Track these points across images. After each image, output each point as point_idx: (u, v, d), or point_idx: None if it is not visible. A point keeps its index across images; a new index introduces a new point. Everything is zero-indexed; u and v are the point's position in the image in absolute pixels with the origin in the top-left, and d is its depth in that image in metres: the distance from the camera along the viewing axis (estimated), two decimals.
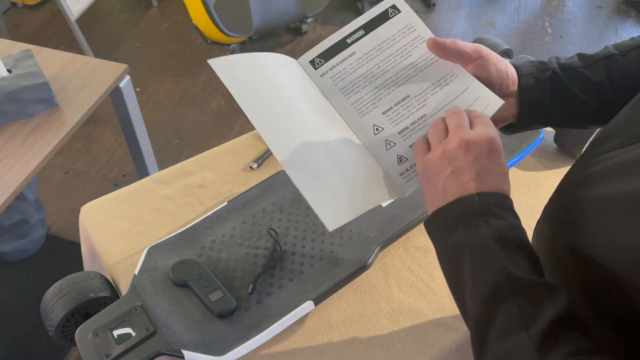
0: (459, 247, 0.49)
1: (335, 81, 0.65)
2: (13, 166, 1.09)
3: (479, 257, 0.47)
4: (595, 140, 0.54)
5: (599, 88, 0.63)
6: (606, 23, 2.85)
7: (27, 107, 1.16)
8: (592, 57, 0.64)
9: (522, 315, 0.43)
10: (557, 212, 0.55)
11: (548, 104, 0.63)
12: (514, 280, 0.45)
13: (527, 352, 0.42)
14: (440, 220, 0.52)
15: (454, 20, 2.85)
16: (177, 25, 2.77)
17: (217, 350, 0.72)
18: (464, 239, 0.49)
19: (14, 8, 2.84)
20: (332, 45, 0.66)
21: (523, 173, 1.02)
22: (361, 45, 0.65)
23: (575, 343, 0.42)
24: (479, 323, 0.46)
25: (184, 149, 2.15)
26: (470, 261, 0.48)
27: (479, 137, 0.53)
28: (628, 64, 0.63)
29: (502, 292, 0.45)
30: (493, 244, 0.47)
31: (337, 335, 0.79)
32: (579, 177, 0.53)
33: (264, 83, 0.61)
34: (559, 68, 0.63)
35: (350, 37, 0.65)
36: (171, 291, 0.79)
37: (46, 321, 0.81)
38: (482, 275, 0.47)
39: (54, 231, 1.84)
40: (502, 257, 0.46)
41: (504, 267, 0.46)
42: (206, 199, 0.96)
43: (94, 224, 0.93)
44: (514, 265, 0.46)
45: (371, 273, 0.86)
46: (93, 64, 1.31)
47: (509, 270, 0.46)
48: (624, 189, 0.44)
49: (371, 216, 0.89)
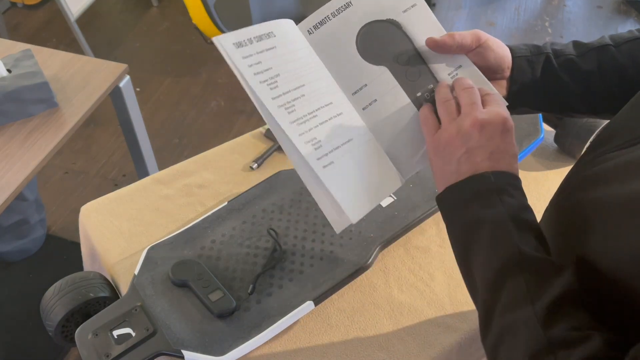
0: (475, 222, 0.50)
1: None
2: (13, 166, 1.09)
3: (494, 233, 0.48)
4: (595, 141, 0.54)
5: (587, 77, 0.63)
6: (606, 23, 2.85)
7: (27, 107, 1.16)
8: (586, 46, 0.64)
9: (529, 291, 0.44)
10: (558, 213, 0.55)
11: (537, 88, 0.64)
12: (524, 258, 0.46)
13: (531, 325, 0.43)
14: (455, 195, 0.52)
15: (454, 20, 2.85)
16: (177, 25, 2.77)
17: (217, 350, 0.72)
18: (481, 214, 0.49)
19: (13, 8, 2.84)
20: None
21: (523, 173, 1.02)
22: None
23: (577, 319, 0.43)
24: (486, 297, 0.47)
25: (184, 149, 2.15)
26: (486, 236, 0.49)
27: (493, 117, 0.52)
28: (620, 56, 0.63)
29: (511, 268, 0.46)
30: (508, 221, 0.48)
31: (337, 335, 0.79)
32: (580, 178, 0.53)
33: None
34: (552, 53, 0.64)
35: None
36: (171, 291, 0.79)
37: (46, 321, 0.81)
38: (494, 251, 0.48)
39: (53, 231, 1.84)
40: (514, 235, 0.47)
41: (515, 244, 0.47)
42: (206, 199, 0.96)
43: (94, 224, 0.93)
44: (525, 243, 0.47)
45: (371, 273, 0.86)
46: (93, 63, 1.31)
47: (521, 248, 0.47)
48: (625, 191, 0.44)
49: (371, 216, 0.89)
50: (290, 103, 0.57)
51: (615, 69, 0.63)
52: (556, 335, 0.42)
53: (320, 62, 0.61)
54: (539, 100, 0.65)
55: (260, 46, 0.57)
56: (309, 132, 0.56)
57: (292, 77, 0.57)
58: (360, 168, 0.59)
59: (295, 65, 0.58)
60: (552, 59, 0.63)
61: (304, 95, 0.57)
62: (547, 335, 0.42)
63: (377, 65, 0.61)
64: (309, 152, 0.56)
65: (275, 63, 0.57)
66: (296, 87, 0.57)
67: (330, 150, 0.57)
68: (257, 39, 0.57)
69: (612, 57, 0.63)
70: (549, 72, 0.63)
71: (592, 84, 0.63)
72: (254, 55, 0.56)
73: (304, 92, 0.58)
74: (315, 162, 0.56)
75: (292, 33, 0.60)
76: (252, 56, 0.56)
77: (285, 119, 0.56)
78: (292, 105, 0.57)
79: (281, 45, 0.58)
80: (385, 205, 0.90)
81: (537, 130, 1.00)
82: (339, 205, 0.57)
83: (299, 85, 0.58)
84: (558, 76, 0.63)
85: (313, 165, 0.56)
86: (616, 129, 0.52)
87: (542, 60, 0.63)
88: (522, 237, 0.47)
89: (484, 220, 0.49)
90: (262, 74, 0.56)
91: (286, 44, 0.59)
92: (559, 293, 0.44)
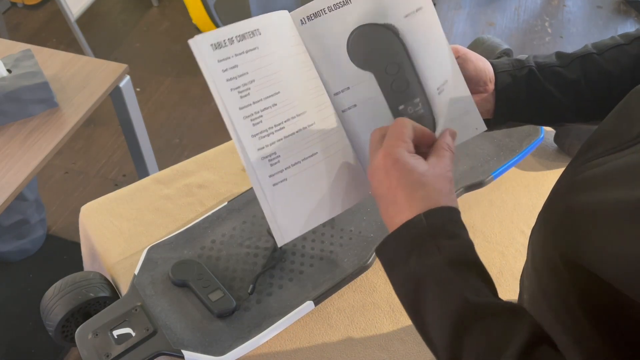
0: (416, 278, 0.47)
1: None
2: (13, 166, 1.09)
3: (438, 287, 0.45)
4: (583, 147, 0.54)
5: (574, 87, 0.63)
6: (606, 23, 2.85)
7: (27, 107, 1.16)
8: (569, 56, 0.64)
9: (492, 344, 0.41)
10: (550, 218, 0.55)
11: (524, 102, 0.64)
12: (475, 307, 0.43)
13: None
14: (393, 247, 0.49)
15: (454, 20, 2.85)
16: (177, 25, 2.77)
17: (217, 350, 0.72)
18: (420, 268, 0.46)
19: (14, 8, 2.84)
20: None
21: (523, 173, 1.02)
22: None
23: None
24: (448, 358, 0.44)
25: (184, 149, 2.15)
26: (430, 292, 0.45)
27: (377, 162, 0.50)
28: (605, 63, 0.63)
29: (465, 322, 0.43)
30: (448, 270, 0.45)
31: (337, 335, 0.79)
32: (570, 183, 0.52)
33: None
34: (535, 66, 0.64)
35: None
36: (171, 291, 0.79)
37: (46, 321, 0.81)
38: (442, 306, 0.44)
39: (54, 231, 1.84)
40: (459, 284, 0.44)
41: (462, 295, 0.44)
42: (206, 199, 0.96)
43: (94, 224, 0.93)
44: (472, 289, 0.44)
45: (371, 273, 0.86)
46: (93, 64, 1.31)
47: (468, 298, 0.43)
48: (615, 197, 0.44)
49: (371, 216, 0.89)
50: (258, 114, 0.54)
51: (600, 77, 0.63)
52: None
53: (306, 61, 0.58)
54: (527, 114, 0.65)
55: (240, 47, 0.54)
56: (270, 146, 0.54)
57: (268, 83, 0.55)
58: (311, 188, 0.56)
59: (275, 68, 0.55)
60: (536, 72, 0.63)
61: (275, 104, 0.55)
62: None
63: (364, 71, 0.59)
64: (262, 168, 0.54)
65: (253, 67, 0.54)
66: (270, 94, 0.54)
67: (286, 167, 0.55)
68: (239, 38, 0.54)
69: (597, 64, 0.63)
70: (535, 85, 0.63)
71: (579, 93, 0.63)
72: (232, 58, 0.53)
73: (276, 101, 0.55)
74: (267, 180, 0.54)
75: (282, 28, 0.57)
76: (229, 59, 0.53)
77: (247, 132, 0.54)
78: (260, 117, 0.54)
79: (265, 44, 0.55)
80: None
81: (537, 130, 1.00)
82: (276, 224, 0.55)
83: (273, 93, 0.55)
84: (544, 88, 0.63)
85: (263, 181, 0.54)
86: (604, 132, 0.52)
87: (526, 74, 0.63)
88: (467, 285, 0.44)
89: (424, 275, 0.46)
90: (236, 79, 0.53)
91: (271, 42, 0.55)
92: (526, 339, 0.40)
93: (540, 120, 0.67)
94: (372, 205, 0.90)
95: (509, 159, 0.96)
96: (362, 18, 0.58)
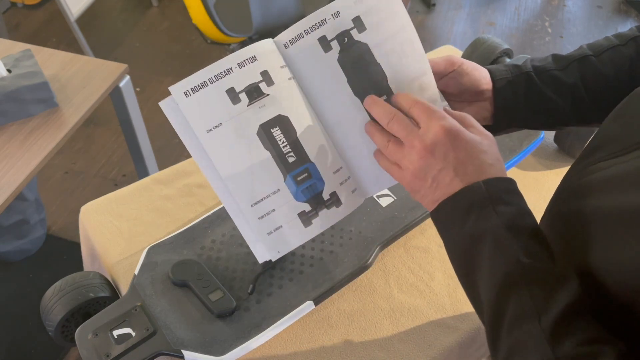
0: (472, 238, 0.49)
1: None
2: (13, 166, 1.09)
3: (493, 248, 0.47)
4: (587, 148, 0.54)
5: (572, 90, 0.63)
6: (606, 23, 2.85)
7: (27, 107, 1.16)
8: (566, 59, 0.64)
9: (534, 305, 0.43)
10: (553, 222, 0.55)
11: (522, 107, 0.64)
12: (526, 270, 0.45)
13: (539, 342, 0.42)
14: (449, 210, 0.51)
15: (454, 20, 2.85)
16: (177, 25, 2.77)
17: (217, 350, 0.72)
18: (477, 229, 0.48)
19: (13, 8, 2.84)
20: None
21: (523, 173, 1.02)
22: None
23: (585, 331, 0.42)
24: (492, 314, 0.46)
25: (183, 149, 2.15)
26: (485, 252, 0.47)
27: (433, 134, 0.51)
28: (601, 65, 0.63)
29: (514, 283, 0.45)
30: (506, 233, 0.47)
31: (337, 335, 0.79)
32: (573, 187, 0.52)
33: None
34: (532, 71, 0.63)
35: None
36: (171, 291, 0.79)
37: (46, 321, 0.81)
38: (495, 266, 0.46)
39: (53, 231, 1.84)
40: (514, 247, 0.46)
41: (516, 257, 0.45)
42: (206, 199, 0.96)
43: (94, 224, 0.93)
44: (526, 253, 0.46)
45: (371, 273, 0.86)
46: (93, 63, 1.31)
47: (521, 260, 0.45)
48: (618, 203, 0.44)
49: (371, 216, 0.89)
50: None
51: (598, 79, 0.63)
52: (565, 353, 0.41)
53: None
54: (526, 119, 0.65)
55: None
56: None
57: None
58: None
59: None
60: (534, 77, 0.63)
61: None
62: (555, 352, 0.41)
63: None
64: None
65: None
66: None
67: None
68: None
69: (594, 67, 0.63)
70: (533, 90, 0.63)
71: (577, 96, 0.63)
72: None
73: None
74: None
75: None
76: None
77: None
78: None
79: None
80: (385, 205, 0.90)
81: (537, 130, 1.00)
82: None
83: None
84: (542, 93, 0.63)
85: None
86: (606, 138, 0.52)
87: (524, 80, 0.63)
88: (522, 248, 0.46)
89: (480, 235, 0.48)
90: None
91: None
92: (566, 305, 0.43)
93: (539, 125, 0.67)
94: (372, 205, 0.90)
95: (509, 159, 0.96)
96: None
